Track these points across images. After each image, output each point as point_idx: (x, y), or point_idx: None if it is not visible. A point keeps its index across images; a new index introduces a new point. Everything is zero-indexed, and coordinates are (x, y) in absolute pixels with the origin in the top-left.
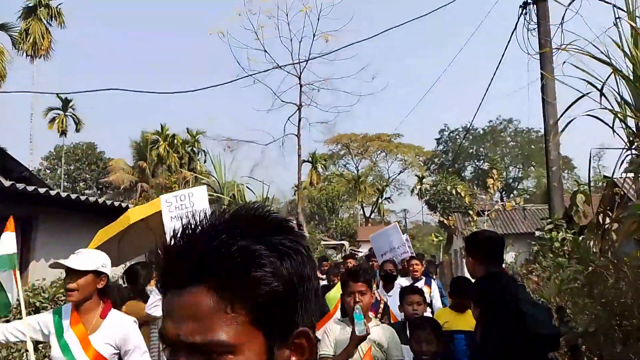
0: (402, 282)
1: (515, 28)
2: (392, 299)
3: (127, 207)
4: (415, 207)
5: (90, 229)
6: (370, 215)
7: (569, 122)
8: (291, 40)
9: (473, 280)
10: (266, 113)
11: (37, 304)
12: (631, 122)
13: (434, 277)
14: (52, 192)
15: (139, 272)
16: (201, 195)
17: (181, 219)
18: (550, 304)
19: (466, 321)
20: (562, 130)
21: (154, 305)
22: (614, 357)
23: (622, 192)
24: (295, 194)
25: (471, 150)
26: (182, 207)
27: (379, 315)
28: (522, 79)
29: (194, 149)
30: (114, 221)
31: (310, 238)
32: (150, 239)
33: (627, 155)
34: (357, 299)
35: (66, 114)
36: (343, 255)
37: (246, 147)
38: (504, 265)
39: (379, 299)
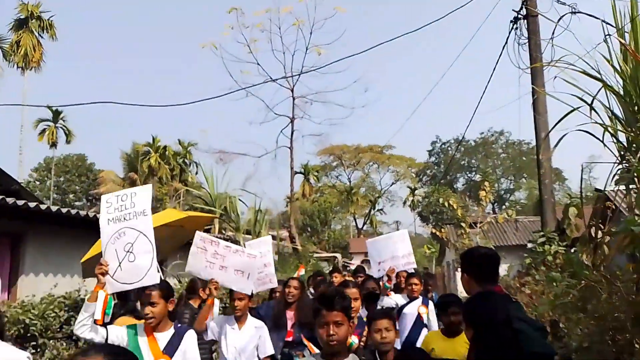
0: (398, 299)
1: (507, 43)
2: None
3: None
4: (408, 218)
5: (81, 244)
6: (363, 227)
7: (562, 138)
8: (284, 53)
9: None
10: (259, 125)
11: (27, 320)
12: (622, 137)
13: (433, 292)
14: (43, 207)
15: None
16: (145, 195)
17: (119, 221)
18: (544, 319)
19: (455, 349)
20: (555, 146)
21: (82, 325)
22: None
23: (613, 206)
24: (287, 206)
25: (463, 162)
26: (122, 208)
27: (363, 339)
28: (514, 92)
29: (186, 160)
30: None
31: (303, 250)
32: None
33: (619, 169)
34: (332, 332)
35: (56, 125)
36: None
37: (239, 159)
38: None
39: (364, 319)
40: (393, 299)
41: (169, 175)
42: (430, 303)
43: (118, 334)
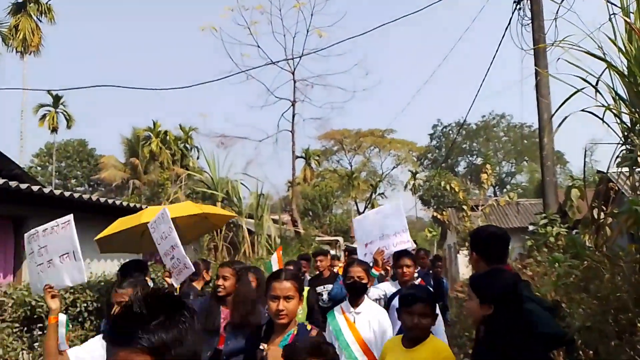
0: (386, 287)
1: (509, 24)
2: (362, 317)
3: (120, 205)
4: (409, 202)
5: (83, 227)
6: (364, 211)
7: (564, 119)
8: (284, 36)
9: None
10: (260, 109)
11: (33, 302)
12: (625, 117)
13: (443, 278)
14: (45, 190)
15: (134, 268)
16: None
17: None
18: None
19: None
20: (558, 127)
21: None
22: (609, 352)
23: (616, 187)
24: (289, 190)
25: (464, 146)
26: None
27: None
28: (516, 75)
29: (187, 145)
30: (106, 219)
31: (305, 234)
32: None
33: (622, 150)
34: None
35: (57, 110)
36: (343, 250)
37: (240, 143)
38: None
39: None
40: (380, 289)
41: (170, 160)
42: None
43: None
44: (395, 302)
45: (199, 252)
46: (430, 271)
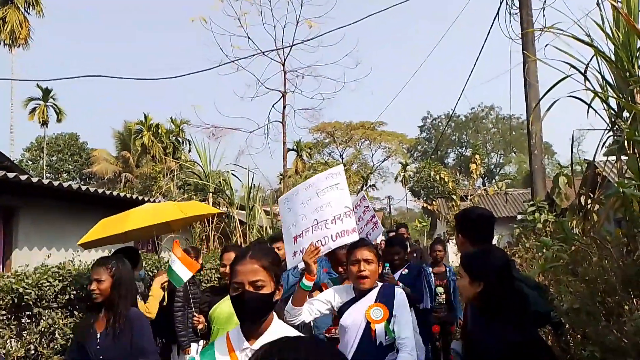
0: (330, 296)
1: (498, 13)
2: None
3: (111, 195)
4: (399, 193)
5: (73, 217)
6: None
7: (553, 103)
8: (274, 27)
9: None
10: (250, 100)
11: (21, 290)
12: (613, 103)
13: (425, 265)
14: (34, 179)
15: (128, 256)
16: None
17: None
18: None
19: None
20: (547, 111)
21: None
22: (597, 333)
23: (603, 174)
24: (280, 183)
25: (454, 138)
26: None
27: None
28: (505, 66)
29: (179, 138)
30: (97, 209)
31: None
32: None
33: (609, 137)
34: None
35: (47, 104)
36: None
37: (231, 134)
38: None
39: None
40: (321, 300)
41: (162, 153)
42: (401, 295)
43: None
44: (348, 313)
45: (191, 242)
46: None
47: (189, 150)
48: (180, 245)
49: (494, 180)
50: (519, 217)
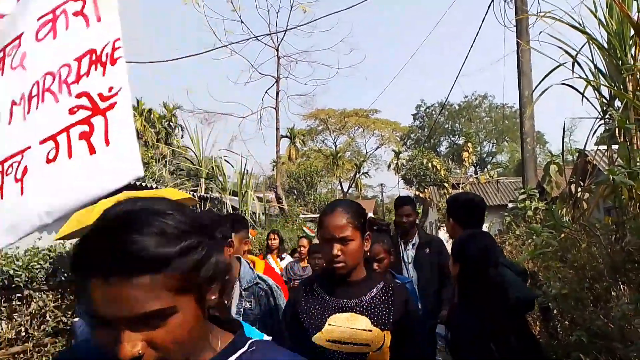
0: None
1: (492, 1)
2: None
3: None
4: (392, 181)
5: None
6: (348, 190)
7: (545, 90)
8: (268, 11)
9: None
10: (244, 86)
11: (11, 271)
12: (605, 92)
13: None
14: None
15: None
16: None
17: None
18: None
19: None
20: (539, 96)
21: None
22: (585, 319)
23: (593, 163)
24: (274, 169)
25: (447, 126)
26: None
27: None
28: (499, 54)
29: (171, 124)
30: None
31: (289, 211)
32: None
33: (600, 125)
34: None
35: None
36: None
37: (224, 120)
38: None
39: None
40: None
41: (155, 139)
42: None
43: None
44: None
45: None
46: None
47: (182, 136)
48: None
49: (486, 169)
50: (510, 205)
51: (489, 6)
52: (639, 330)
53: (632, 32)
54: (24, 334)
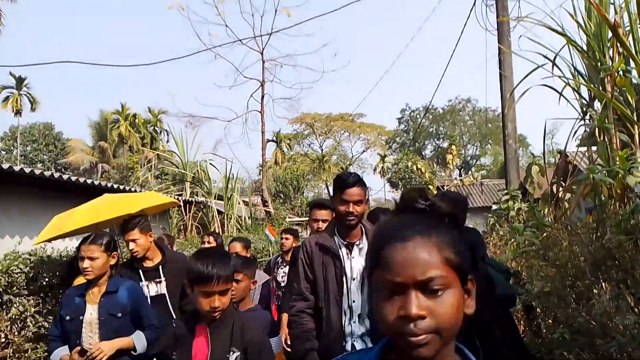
0: None
1: (475, 3)
2: None
3: (85, 183)
4: (378, 185)
5: (45, 205)
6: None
7: (525, 91)
8: (252, 15)
9: None
10: (229, 90)
11: None
12: (584, 93)
13: None
14: (5, 166)
15: None
16: None
17: None
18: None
19: None
20: (520, 97)
21: None
22: (567, 316)
23: (574, 163)
24: (260, 173)
25: (431, 130)
26: None
27: None
28: (482, 59)
29: (156, 128)
30: (72, 198)
31: (276, 214)
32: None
33: (580, 126)
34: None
35: (20, 92)
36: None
37: (209, 124)
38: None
39: None
40: None
41: (140, 144)
42: None
43: None
44: None
45: (168, 230)
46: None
47: (167, 141)
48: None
49: (470, 171)
50: (494, 207)
51: (471, 10)
52: (620, 326)
53: (610, 34)
54: (3, 339)
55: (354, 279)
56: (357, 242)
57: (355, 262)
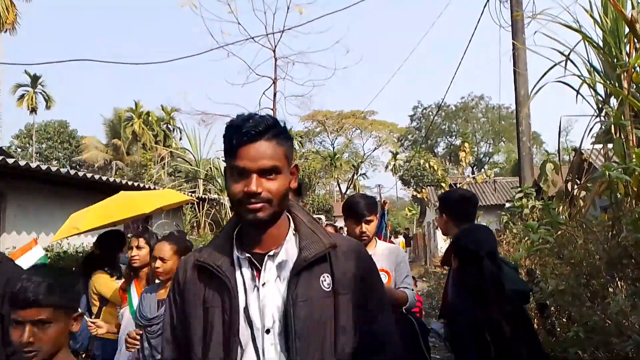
0: None
1: (488, 1)
2: None
3: (100, 179)
4: (390, 182)
5: (62, 202)
6: (346, 191)
7: (541, 88)
8: (265, 12)
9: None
10: (241, 87)
11: None
12: (600, 90)
13: None
14: (22, 163)
15: (114, 239)
16: None
17: None
18: (520, 266)
19: None
20: (535, 94)
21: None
22: (581, 315)
23: (589, 161)
24: None
25: (443, 127)
26: None
27: None
28: (495, 56)
29: (169, 126)
30: (86, 194)
31: None
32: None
33: (596, 123)
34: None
35: (35, 90)
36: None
37: (221, 121)
38: None
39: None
40: None
41: (153, 141)
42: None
43: None
44: None
45: (181, 227)
46: None
47: (180, 138)
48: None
49: (483, 169)
50: (507, 204)
51: (485, 6)
52: (636, 325)
53: (627, 29)
54: None
55: (267, 331)
56: (273, 252)
57: (270, 294)
